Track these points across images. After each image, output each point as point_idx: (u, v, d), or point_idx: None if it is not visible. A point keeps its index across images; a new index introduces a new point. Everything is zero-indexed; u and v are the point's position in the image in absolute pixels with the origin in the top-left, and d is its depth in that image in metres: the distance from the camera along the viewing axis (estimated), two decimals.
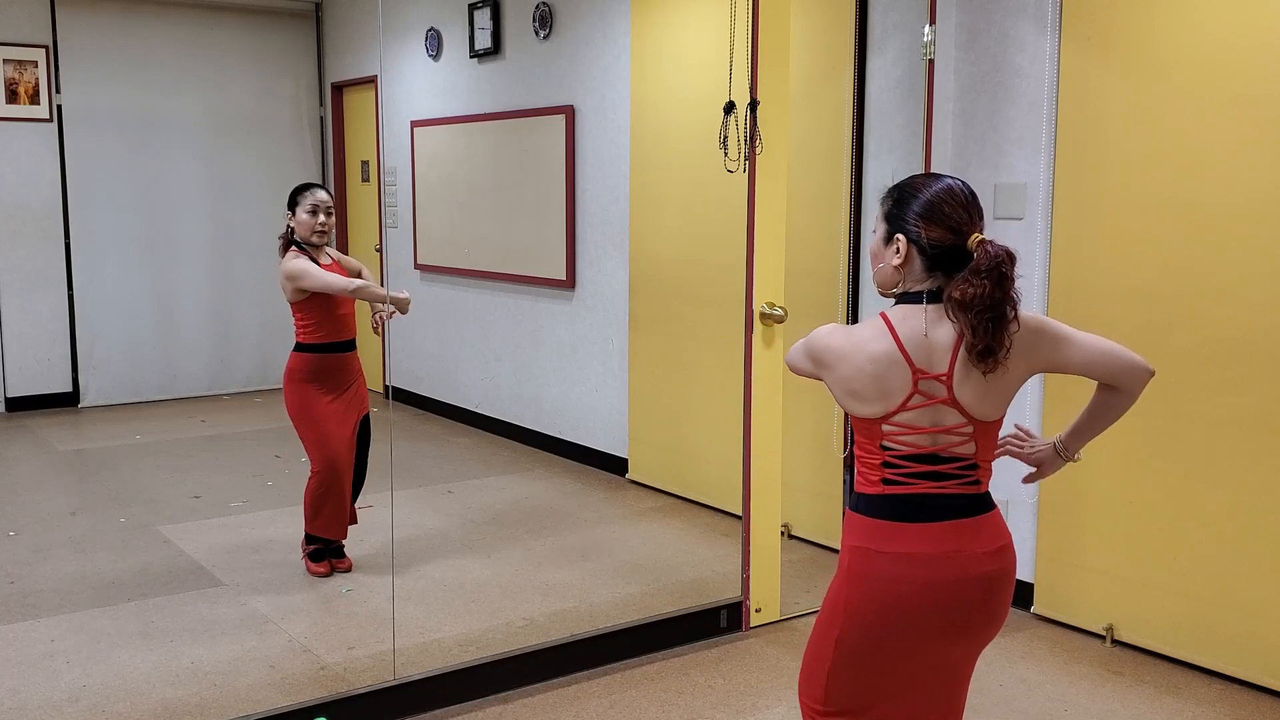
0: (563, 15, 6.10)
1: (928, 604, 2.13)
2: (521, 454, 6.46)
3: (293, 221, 4.35)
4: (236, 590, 4.36)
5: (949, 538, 2.14)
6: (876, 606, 2.14)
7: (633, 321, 5.79)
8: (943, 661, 2.20)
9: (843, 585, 2.19)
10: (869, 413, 2.13)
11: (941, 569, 2.13)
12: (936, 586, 2.12)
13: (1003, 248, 2.06)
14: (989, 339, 2.04)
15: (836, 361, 2.14)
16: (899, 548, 2.13)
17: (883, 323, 2.13)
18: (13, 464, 5.99)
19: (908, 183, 2.18)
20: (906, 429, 2.12)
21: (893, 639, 2.15)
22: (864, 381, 2.11)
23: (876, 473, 2.15)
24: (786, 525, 4.97)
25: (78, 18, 6.99)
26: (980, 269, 2.04)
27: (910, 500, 2.14)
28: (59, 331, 6.99)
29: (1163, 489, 3.79)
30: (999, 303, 2.04)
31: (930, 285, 2.13)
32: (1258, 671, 3.61)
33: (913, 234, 2.12)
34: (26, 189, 6.94)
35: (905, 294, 2.16)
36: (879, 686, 2.21)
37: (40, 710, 3.41)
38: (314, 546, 4.52)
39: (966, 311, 2.04)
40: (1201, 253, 3.64)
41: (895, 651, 2.17)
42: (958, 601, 2.14)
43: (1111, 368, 2.18)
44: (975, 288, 2.03)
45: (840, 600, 2.19)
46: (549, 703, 3.53)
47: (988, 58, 4.21)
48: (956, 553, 2.13)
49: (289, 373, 4.40)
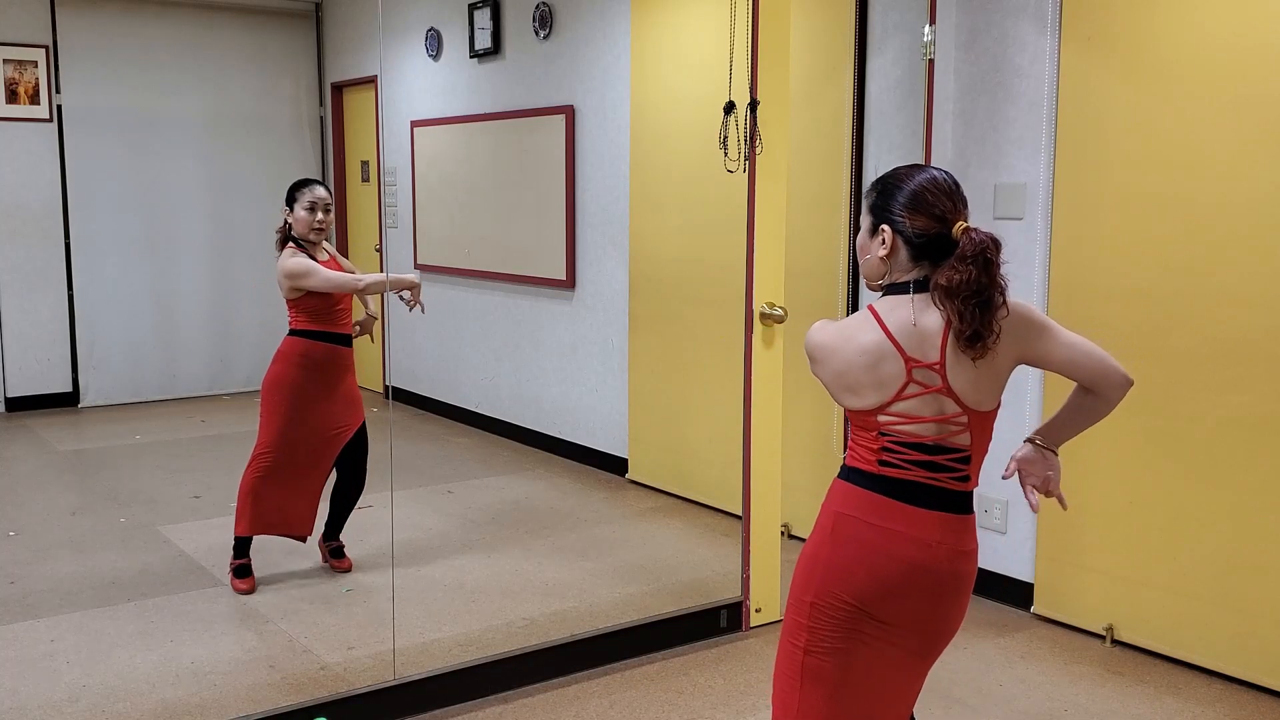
0: (563, 15, 6.09)
1: (909, 583, 2.13)
2: (521, 454, 6.46)
3: (290, 218, 4.29)
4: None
5: (936, 527, 2.15)
6: (860, 569, 2.13)
7: (633, 321, 5.78)
8: (901, 661, 2.19)
9: (823, 544, 2.17)
10: (864, 405, 2.13)
11: (926, 554, 2.14)
12: (919, 569, 2.13)
13: (987, 234, 2.07)
14: (976, 324, 2.06)
15: (828, 356, 2.15)
16: (888, 524, 2.13)
17: (870, 314, 2.14)
18: (13, 464, 5.99)
19: (891, 174, 2.19)
20: (906, 418, 2.12)
21: (871, 604, 2.13)
22: (856, 374, 2.12)
23: (874, 454, 2.15)
24: (786, 525, 4.97)
25: (78, 18, 6.99)
26: (966, 255, 2.05)
27: (904, 484, 2.14)
28: (59, 331, 6.99)
29: (1163, 489, 3.79)
30: (985, 288, 2.05)
31: (917, 275, 2.13)
32: (1258, 671, 3.61)
33: (898, 224, 2.13)
34: (26, 189, 6.93)
35: (892, 285, 2.16)
36: (849, 667, 2.18)
37: (40, 710, 3.41)
38: (240, 561, 4.35)
39: (953, 298, 2.05)
40: (1201, 253, 3.64)
41: (868, 627, 2.15)
42: (935, 590, 2.15)
43: (1094, 371, 2.19)
44: (961, 274, 2.04)
45: (820, 558, 2.16)
46: (549, 703, 3.53)
47: (988, 58, 4.21)
48: (940, 543, 2.15)
49: (279, 355, 4.27)
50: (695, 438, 5.50)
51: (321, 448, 4.36)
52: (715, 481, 5.38)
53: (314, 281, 4.15)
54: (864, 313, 2.15)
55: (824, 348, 2.15)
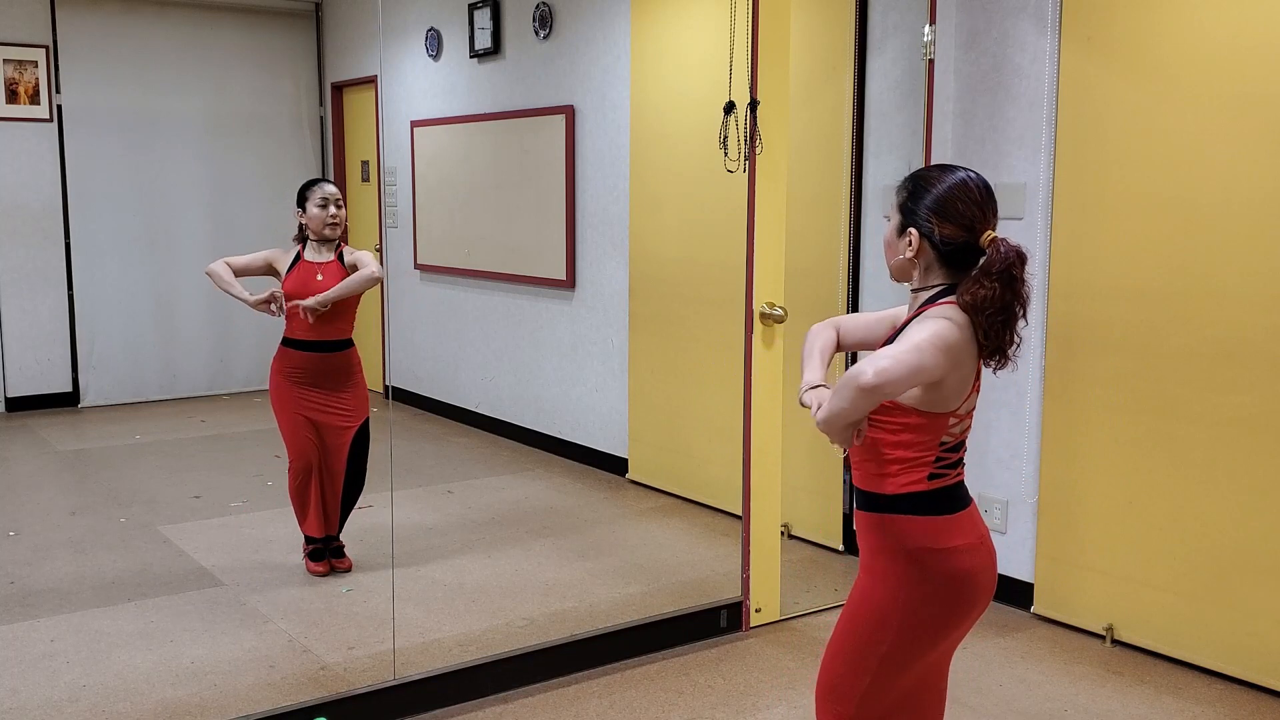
0: (563, 15, 6.10)
1: (983, 587, 2.18)
2: (521, 454, 6.46)
3: (303, 218, 4.32)
4: (236, 590, 4.36)
5: (979, 520, 2.21)
6: (942, 609, 2.14)
7: (633, 321, 5.78)
8: (949, 648, 2.25)
9: (897, 592, 2.14)
10: (952, 407, 2.12)
11: (988, 553, 2.20)
12: (989, 569, 2.19)
13: (1014, 248, 2.06)
14: (998, 339, 2.06)
15: (964, 358, 2.09)
16: (958, 540, 2.14)
17: (949, 313, 2.09)
18: (13, 464, 5.99)
19: (923, 174, 2.17)
20: (965, 417, 2.15)
21: (945, 636, 2.17)
22: (965, 373, 2.10)
23: (923, 469, 2.13)
24: (786, 525, 4.97)
25: (78, 18, 6.99)
26: (991, 270, 2.04)
27: (952, 491, 2.16)
28: (59, 331, 6.99)
29: (1163, 489, 3.79)
30: (1009, 305, 2.05)
31: (944, 280, 2.14)
32: (1258, 671, 3.61)
33: (925, 229, 2.12)
34: (26, 189, 6.93)
35: (931, 288, 2.14)
36: (909, 689, 2.21)
37: (40, 710, 3.41)
38: (313, 546, 4.52)
39: (978, 314, 2.05)
40: (1201, 253, 3.64)
41: (936, 651, 2.18)
42: (991, 580, 2.21)
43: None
44: (986, 289, 2.03)
45: (896, 611, 2.15)
46: (549, 703, 3.53)
47: (988, 58, 4.21)
48: (986, 534, 2.22)
49: (271, 365, 4.44)
50: (695, 438, 5.50)
51: (333, 449, 4.44)
52: (715, 481, 5.38)
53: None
54: (945, 310, 2.10)
55: (957, 348, 2.06)
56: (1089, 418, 3.96)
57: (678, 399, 5.57)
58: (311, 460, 4.39)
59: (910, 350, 2.00)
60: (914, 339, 2.02)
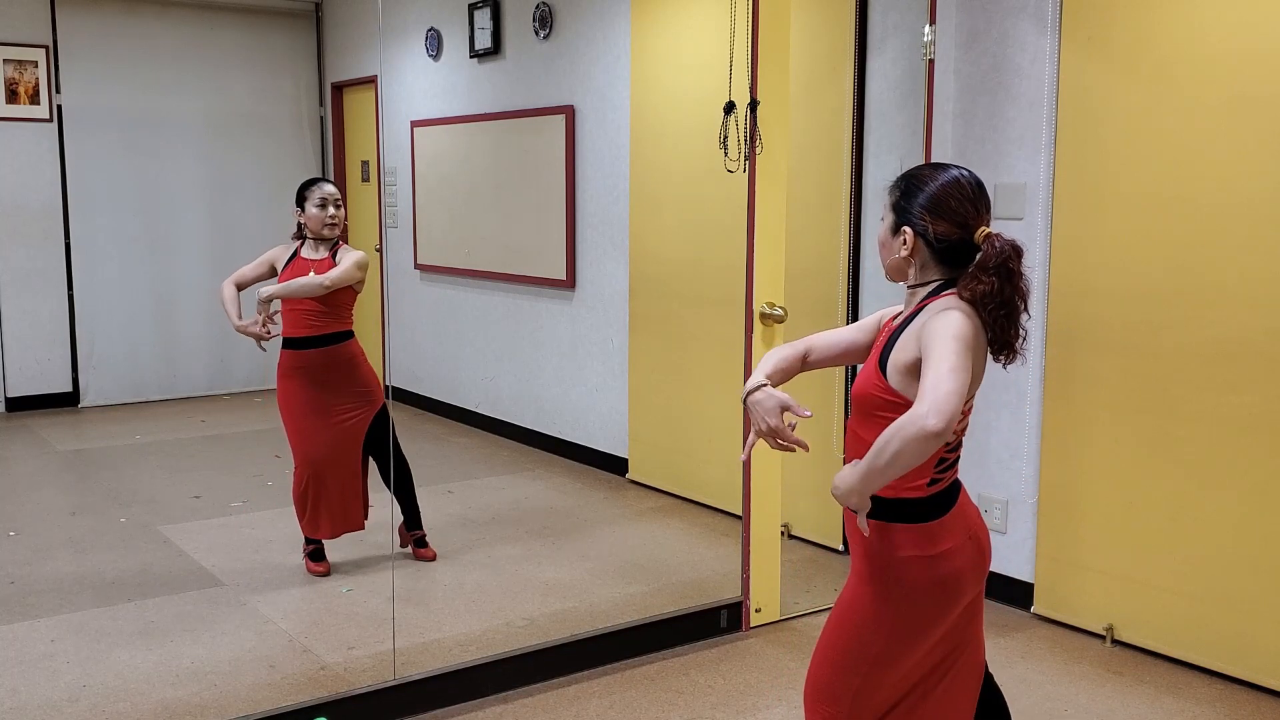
0: (563, 15, 6.09)
1: (970, 582, 2.18)
2: (521, 454, 6.46)
3: (302, 218, 4.33)
4: (236, 590, 4.36)
5: (967, 510, 2.21)
6: (932, 608, 2.14)
7: (633, 321, 5.78)
8: (947, 635, 2.25)
9: (887, 596, 2.15)
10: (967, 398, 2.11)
11: (976, 545, 2.20)
12: (980, 557, 2.20)
13: (1009, 242, 2.06)
14: (1003, 334, 2.07)
15: (981, 346, 2.09)
16: (947, 544, 2.14)
17: (960, 306, 2.08)
18: (13, 464, 5.99)
19: (914, 173, 2.17)
20: (967, 414, 2.15)
21: (937, 630, 2.17)
22: (978, 368, 2.09)
23: (924, 475, 2.12)
24: (786, 525, 4.97)
25: (78, 18, 6.98)
26: (988, 265, 2.05)
27: (947, 492, 2.17)
28: (59, 331, 6.98)
29: (1163, 489, 3.79)
30: (1010, 298, 2.05)
31: (941, 277, 2.14)
32: (1258, 671, 3.61)
33: (919, 227, 2.12)
34: (26, 189, 6.93)
35: (929, 283, 2.14)
36: (901, 685, 2.21)
37: (40, 710, 3.41)
38: (312, 546, 4.52)
39: (979, 310, 2.05)
40: (1201, 253, 3.64)
41: (929, 643, 2.18)
42: (981, 567, 2.22)
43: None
44: (984, 284, 2.04)
45: (886, 614, 2.15)
46: (549, 703, 3.53)
47: (988, 58, 4.21)
48: (976, 516, 2.23)
49: (276, 369, 4.43)
50: (695, 438, 5.50)
51: (343, 443, 4.40)
52: (715, 481, 5.38)
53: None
54: (950, 301, 2.08)
55: (976, 341, 2.04)
56: (1089, 418, 3.96)
57: (678, 399, 5.57)
58: (317, 464, 4.39)
59: (948, 375, 1.91)
60: (942, 355, 1.94)
